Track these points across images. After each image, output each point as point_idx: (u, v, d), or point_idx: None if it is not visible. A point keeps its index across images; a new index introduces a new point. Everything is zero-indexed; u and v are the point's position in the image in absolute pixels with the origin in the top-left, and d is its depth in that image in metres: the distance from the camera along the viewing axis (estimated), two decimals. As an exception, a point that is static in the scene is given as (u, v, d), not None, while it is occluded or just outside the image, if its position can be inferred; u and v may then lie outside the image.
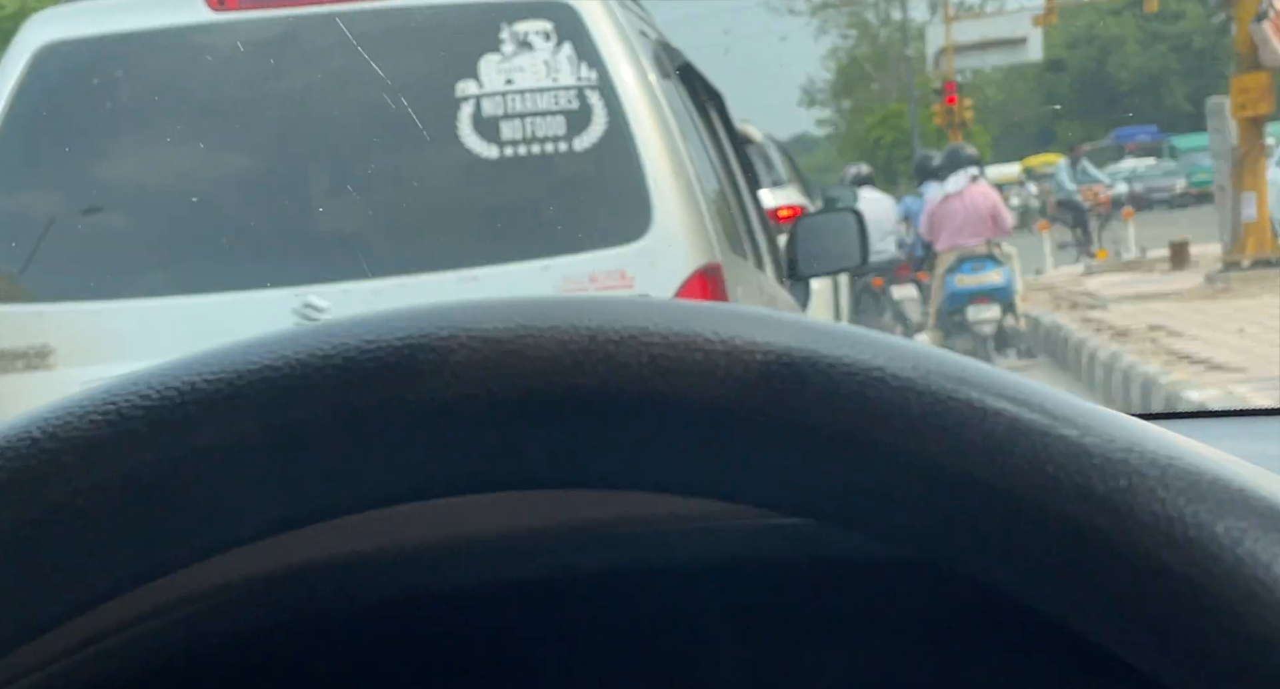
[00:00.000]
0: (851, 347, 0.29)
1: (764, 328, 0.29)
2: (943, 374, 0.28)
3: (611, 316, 0.29)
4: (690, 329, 0.29)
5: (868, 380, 0.28)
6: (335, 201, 2.49)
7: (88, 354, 2.31)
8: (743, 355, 0.28)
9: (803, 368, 0.28)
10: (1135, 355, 6.93)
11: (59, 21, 2.47)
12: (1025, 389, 0.29)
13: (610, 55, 2.39)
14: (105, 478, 0.28)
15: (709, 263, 2.40)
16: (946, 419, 0.28)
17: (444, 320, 0.29)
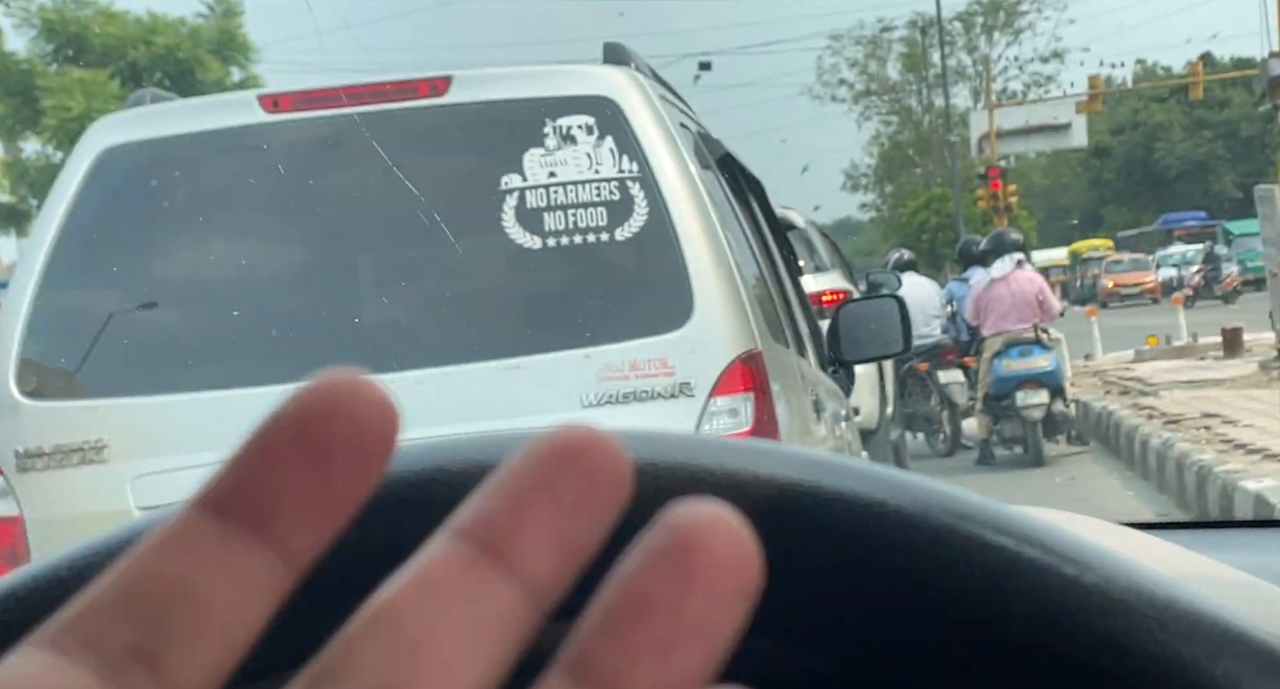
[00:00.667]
0: (853, 480, 0.29)
1: (766, 460, 0.29)
2: (944, 509, 0.29)
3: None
4: (694, 461, 0.29)
5: (869, 514, 0.29)
6: (381, 293, 2.54)
7: (141, 448, 2.35)
8: (746, 488, 0.29)
9: (804, 501, 0.29)
10: (1189, 443, 6.80)
11: (120, 126, 2.57)
12: (1026, 525, 0.29)
13: (651, 147, 2.44)
14: None
15: (750, 350, 2.41)
16: (947, 554, 0.28)
17: (458, 454, 0.30)
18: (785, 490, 0.29)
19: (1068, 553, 0.28)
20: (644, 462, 0.29)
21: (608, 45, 2.71)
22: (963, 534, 0.28)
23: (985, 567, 0.28)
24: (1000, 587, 0.28)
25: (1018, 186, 28.60)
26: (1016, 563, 0.28)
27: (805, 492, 0.29)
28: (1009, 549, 0.28)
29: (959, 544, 0.28)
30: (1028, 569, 0.28)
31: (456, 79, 2.50)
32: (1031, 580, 0.28)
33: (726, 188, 2.94)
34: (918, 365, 9.04)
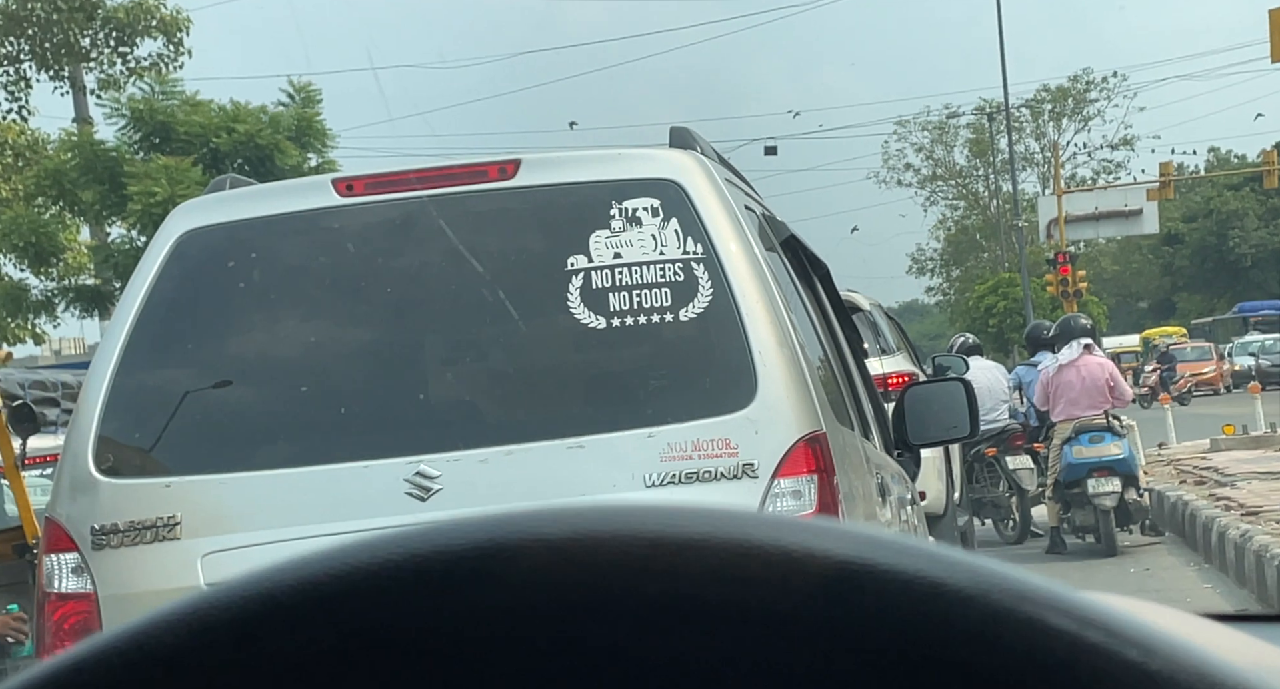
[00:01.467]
0: (910, 558, 0.29)
1: (822, 538, 0.29)
2: (1003, 589, 0.28)
3: (671, 524, 0.29)
4: (748, 537, 0.29)
5: (926, 594, 0.28)
6: (448, 373, 2.57)
7: (212, 525, 2.38)
8: (801, 565, 0.29)
9: (861, 579, 0.28)
10: (1269, 536, 6.58)
11: (200, 210, 2.65)
12: (1088, 607, 0.28)
13: (716, 229, 2.46)
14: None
15: (814, 431, 2.39)
16: (1006, 636, 0.27)
17: (511, 528, 0.30)
18: (841, 569, 0.29)
19: (1132, 637, 0.27)
20: (697, 538, 0.29)
21: (674, 129, 2.75)
22: (1022, 616, 0.28)
23: (1046, 650, 0.27)
24: (1061, 672, 0.27)
25: (1087, 272, 28.30)
26: (1078, 647, 0.27)
27: (861, 569, 0.29)
28: (1070, 632, 0.27)
29: (1018, 626, 0.28)
30: (1090, 653, 0.27)
31: (525, 162, 2.55)
32: (1094, 665, 0.27)
33: (791, 269, 2.95)
34: (986, 450, 8.89)
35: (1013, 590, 0.28)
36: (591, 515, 0.30)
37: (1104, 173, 39.40)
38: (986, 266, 39.35)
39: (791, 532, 0.29)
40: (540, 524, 0.30)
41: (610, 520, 0.30)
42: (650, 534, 0.29)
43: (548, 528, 0.30)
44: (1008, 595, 0.28)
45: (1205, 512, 8.01)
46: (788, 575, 0.28)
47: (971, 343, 9.79)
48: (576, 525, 0.30)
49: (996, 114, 35.93)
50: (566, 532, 0.30)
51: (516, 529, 0.30)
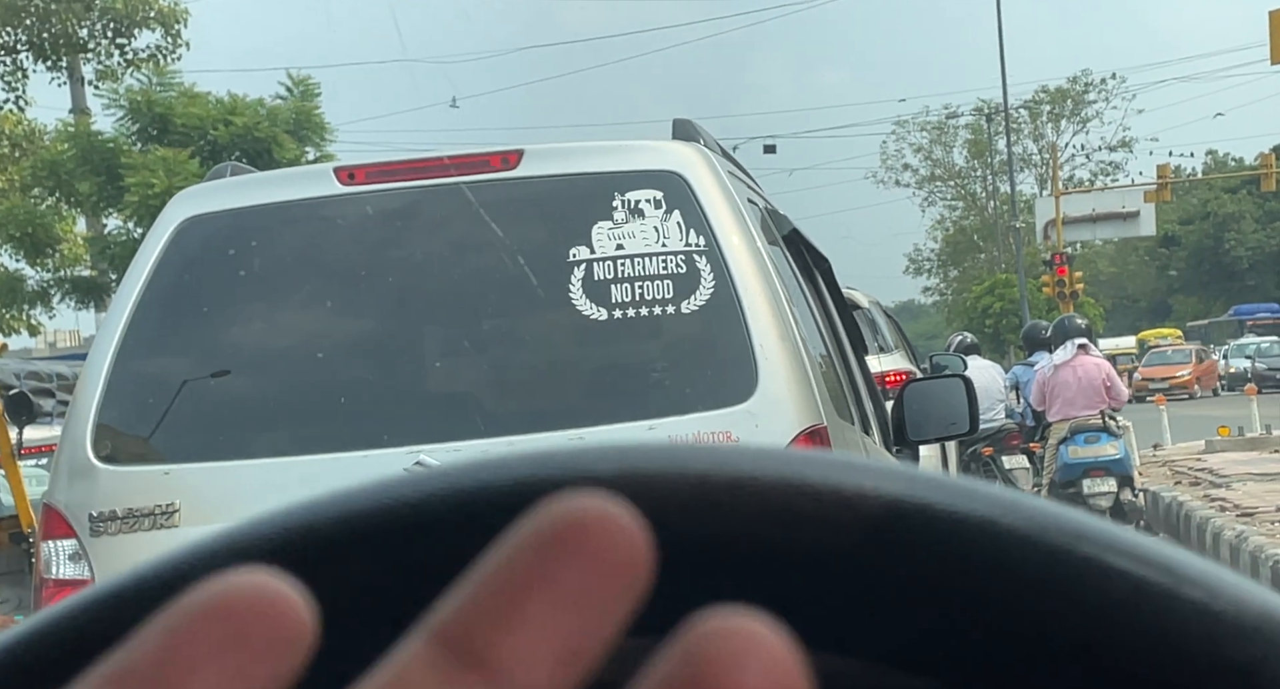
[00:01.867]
0: (964, 498, 0.28)
1: (874, 476, 0.29)
2: (1060, 529, 0.27)
3: (719, 462, 0.29)
4: (799, 475, 0.28)
5: (980, 533, 0.27)
6: (449, 362, 2.56)
7: (210, 513, 2.38)
8: (853, 503, 0.28)
9: (914, 518, 0.28)
10: (1263, 537, 6.59)
11: (200, 197, 2.64)
12: (1148, 547, 0.28)
13: (719, 222, 2.46)
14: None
15: (814, 425, 2.39)
16: (1062, 576, 0.27)
17: (554, 465, 0.30)
18: (894, 507, 0.28)
19: (1195, 577, 0.27)
20: (745, 476, 0.29)
21: (677, 121, 2.75)
22: (1080, 555, 0.27)
23: (1103, 591, 0.27)
24: (1120, 612, 0.27)
25: (1084, 274, 28.32)
26: (1139, 587, 0.27)
27: (914, 508, 0.28)
28: (1130, 572, 0.27)
29: (1075, 566, 0.27)
30: (1152, 593, 0.27)
31: (528, 153, 2.55)
32: (1157, 605, 0.26)
33: (793, 263, 2.94)
34: (982, 449, 8.90)
35: (1070, 530, 0.28)
36: (638, 453, 0.30)
37: (1102, 175, 39.47)
38: (984, 267, 39.39)
39: (842, 470, 0.29)
40: (586, 461, 0.29)
41: (657, 458, 0.29)
42: (698, 471, 0.29)
43: (594, 465, 0.29)
44: (1065, 535, 0.27)
45: (1200, 512, 8.02)
46: (839, 514, 0.28)
47: (969, 342, 9.80)
48: (624, 462, 0.29)
49: (995, 115, 35.95)
50: (613, 469, 0.29)
51: (560, 466, 0.30)
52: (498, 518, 0.29)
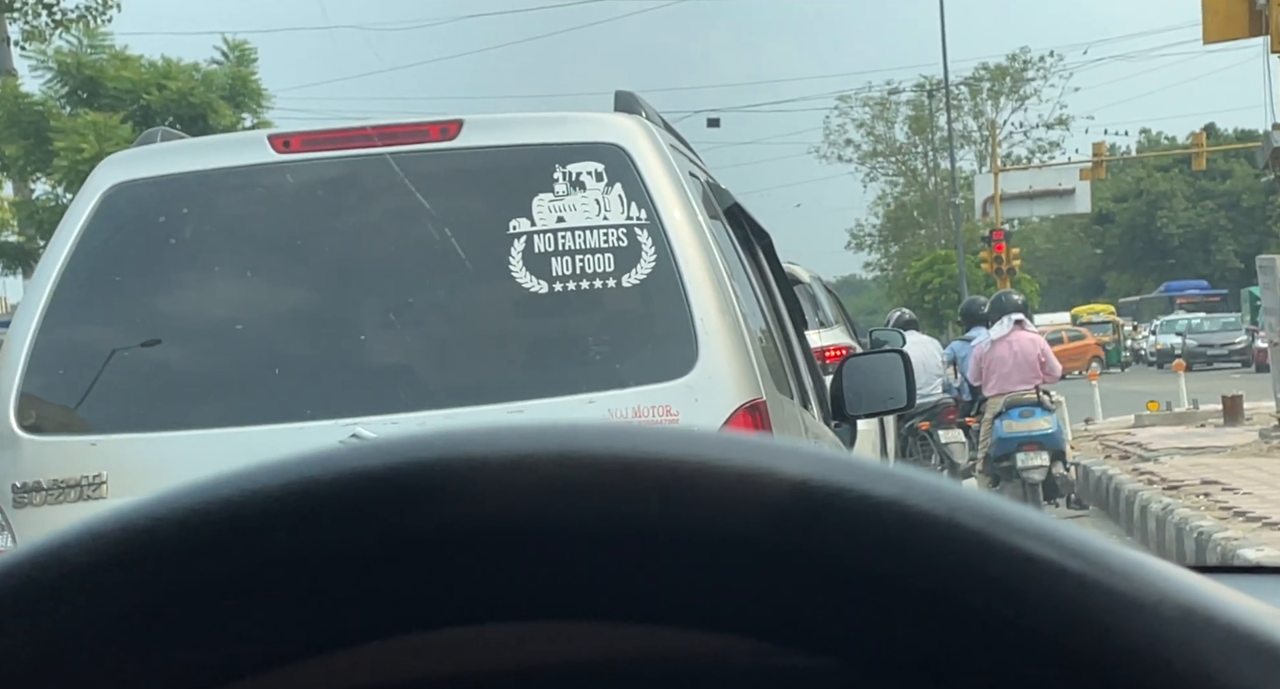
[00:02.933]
0: (869, 478, 0.28)
1: (780, 457, 0.28)
2: (972, 512, 0.28)
3: (618, 443, 0.28)
4: (701, 456, 0.28)
5: (888, 515, 0.28)
6: (386, 334, 2.53)
7: (139, 485, 2.33)
8: (757, 485, 0.28)
9: (819, 498, 0.28)
10: (1188, 510, 6.76)
11: (129, 163, 2.57)
12: (1066, 535, 0.28)
13: (660, 195, 2.45)
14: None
15: (754, 399, 2.40)
16: (974, 559, 0.27)
17: (460, 445, 0.29)
18: (800, 488, 0.28)
19: (1117, 567, 0.27)
20: (646, 456, 0.28)
21: (619, 93, 2.73)
22: (995, 540, 0.27)
23: (1017, 575, 0.27)
24: (1035, 593, 0.27)
25: (1021, 250, 28.72)
26: (1053, 571, 0.27)
27: (820, 488, 0.28)
28: (1044, 556, 0.27)
29: (989, 550, 0.27)
30: (1064, 576, 0.27)
31: (468, 123, 2.51)
32: (1067, 588, 0.27)
33: (734, 238, 2.94)
34: (919, 424, 9.02)
35: (983, 514, 0.28)
36: (534, 434, 0.29)
37: (1039, 152, 39.96)
38: (924, 243, 39.80)
39: (747, 450, 0.28)
40: (476, 444, 0.29)
41: (552, 439, 0.29)
42: (595, 453, 0.28)
43: (485, 448, 0.28)
44: (977, 518, 0.28)
45: (1129, 486, 8.20)
46: (743, 496, 0.27)
47: (908, 318, 9.90)
48: (518, 445, 0.28)
49: (936, 91, 36.24)
50: (512, 450, 0.28)
51: (453, 448, 0.29)
52: (392, 502, 0.28)
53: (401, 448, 0.29)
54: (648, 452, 0.28)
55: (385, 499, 0.28)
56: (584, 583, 0.29)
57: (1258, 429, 10.39)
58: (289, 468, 0.30)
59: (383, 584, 0.29)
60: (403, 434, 0.30)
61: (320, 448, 0.30)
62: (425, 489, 0.28)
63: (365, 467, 0.29)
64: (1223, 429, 11.49)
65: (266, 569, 0.29)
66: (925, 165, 41.02)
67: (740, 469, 0.28)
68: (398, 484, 0.28)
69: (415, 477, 0.28)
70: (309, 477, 0.29)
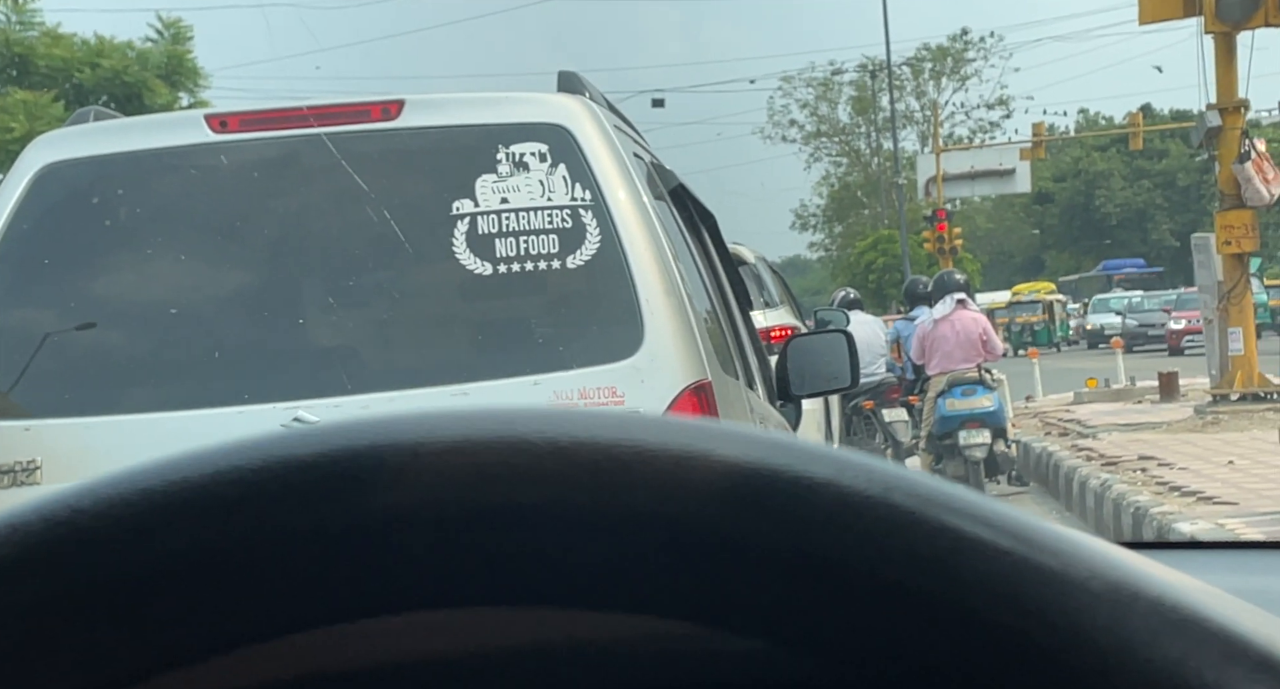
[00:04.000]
0: (805, 460, 0.28)
1: (715, 440, 0.28)
2: (908, 493, 0.28)
3: (549, 427, 0.28)
4: (634, 439, 0.28)
5: (824, 495, 0.28)
6: (328, 317, 2.50)
7: (75, 470, 2.29)
8: (691, 468, 0.28)
9: (754, 481, 0.28)
10: (1125, 485, 6.90)
11: (61, 143, 2.51)
12: (997, 513, 0.28)
13: (604, 175, 2.44)
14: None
15: (699, 380, 2.40)
16: (911, 541, 0.27)
17: (393, 431, 0.28)
18: (733, 471, 0.28)
19: (1049, 545, 0.28)
20: (578, 440, 0.28)
21: (562, 74, 2.71)
22: (932, 521, 0.27)
23: (958, 555, 0.27)
24: (979, 582, 0.27)
25: (963, 229, 29.05)
26: (987, 552, 0.27)
27: (753, 471, 0.28)
28: (983, 538, 0.27)
29: (927, 533, 0.27)
30: (1001, 558, 0.27)
31: (409, 103, 2.48)
32: (1005, 569, 0.27)
33: (679, 218, 2.94)
34: (863, 403, 9.11)
35: (917, 493, 0.28)
36: (468, 420, 0.29)
37: (980, 132, 40.38)
38: (867, 223, 40.10)
39: (682, 434, 0.28)
40: (409, 430, 0.28)
41: (486, 425, 0.28)
42: (528, 437, 0.28)
43: (418, 434, 0.28)
44: (911, 497, 0.28)
45: (1068, 462, 8.35)
46: (678, 479, 0.27)
47: (852, 297, 9.99)
48: (452, 430, 0.28)
49: (879, 72, 36.46)
50: (438, 437, 0.28)
51: (386, 435, 0.28)
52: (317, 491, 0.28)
53: (333, 435, 0.29)
54: (582, 436, 0.28)
55: (315, 488, 0.28)
56: (520, 568, 0.29)
57: (1193, 405, 10.62)
58: (216, 456, 0.29)
59: (315, 573, 0.28)
60: (336, 421, 0.30)
61: (250, 435, 0.29)
62: (357, 477, 0.28)
63: (294, 455, 0.28)
64: (1159, 405, 11.73)
65: (193, 559, 0.28)
66: (868, 146, 41.29)
67: (675, 453, 0.28)
68: (328, 472, 0.28)
69: (346, 464, 0.28)
70: (237, 465, 0.28)
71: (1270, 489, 5.96)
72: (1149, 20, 10.14)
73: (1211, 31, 9.67)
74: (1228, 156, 9.79)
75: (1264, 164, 9.79)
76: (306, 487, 0.28)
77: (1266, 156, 9.94)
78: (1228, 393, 10.06)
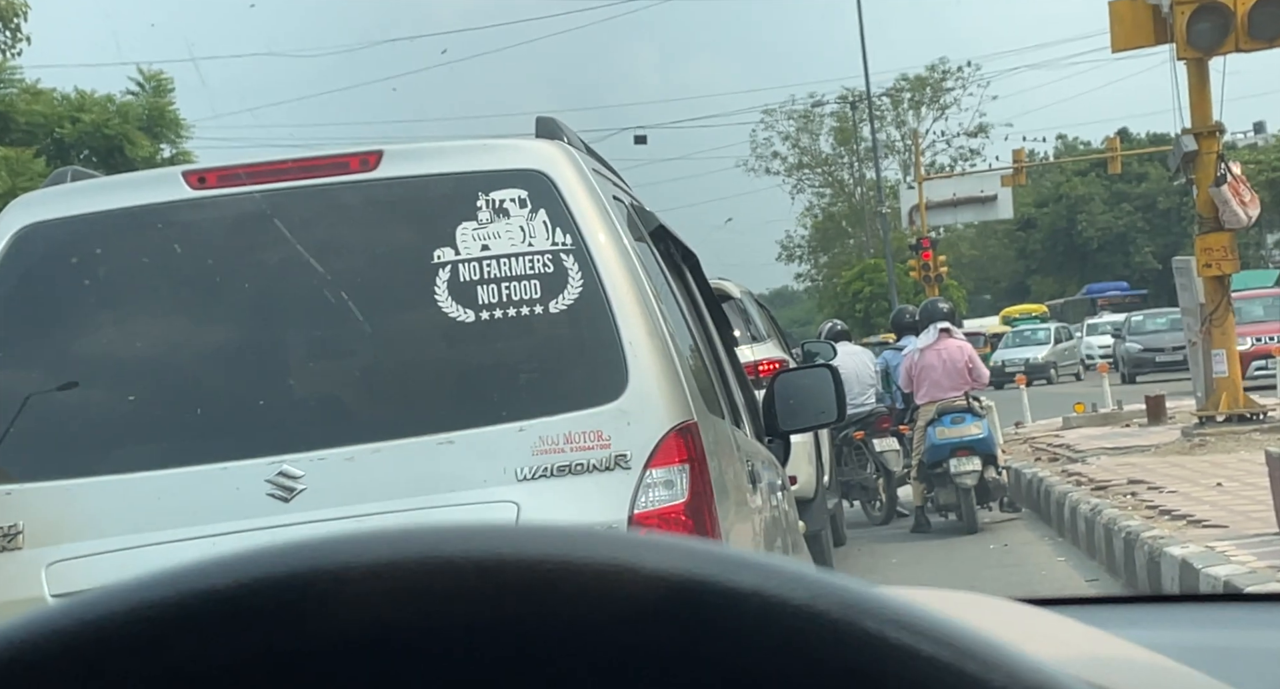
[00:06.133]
0: (730, 569, 0.28)
1: (641, 552, 0.28)
2: (840, 602, 0.28)
3: (479, 545, 0.28)
4: (564, 555, 0.28)
5: (749, 605, 0.28)
6: (311, 369, 2.50)
7: (57, 533, 2.28)
8: (619, 581, 0.28)
9: (680, 592, 0.28)
10: (1116, 510, 6.89)
11: (41, 203, 2.52)
12: (929, 622, 0.28)
13: (584, 220, 2.45)
14: None
15: (685, 421, 2.40)
16: (842, 650, 0.27)
17: (317, 557, 0.29)
18: (663, 584, 0.28)
19: (975, 651, 0.28)
20: (502, 559, 0.28)
21: (540, 119, 2.73)
22: (859, 630, 0.27)
23: (884, 665, 0.27)
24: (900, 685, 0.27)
25: (947, 257, 29.16)
26: (922, 663, 0.27)
27: (684, 585, 0.28)
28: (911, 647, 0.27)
29: (854, 640, 0.27)
30: (932, 668, 0.27)
31: (388, 153, 2.50)
32: (937, 679, 0.27)
33: (660, 259, 2.95)
34: (853, 434, 9.10)
35: (842, 600, 0.28)
36: (393, 541, 0.29)
37: (961, 160, 40.64)
38: (853, 253, 40.24)
39: (609, 547, 0.29)
40: (363, 548, 0.28)
41: (413, 546, 0.29)
42: (453, 558, 0.28)
43: (369, 552, 0.28)
44: (838, 607, 0.28)
45: (1058, 487, 8.35)
46: (603, 593, 0.28)
47: (839, 329, 10.01)
48: (376, 553, 0.28)
49: (859, 103, 36.72)
50: (389, 555, 0.28)
51: (309, 561, 0.29)
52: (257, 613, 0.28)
53: (253, 564, 0.29)
54: (507, 554, 0.28)
55: (239, 618, 0.28)
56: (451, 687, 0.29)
57: (1180, 428, 10.64)
58: (132, 592, 0.29)
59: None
60: (261, 547, 0.30)
61: (168, 567, 0.29)
62: (280, 606, 0.28)
63: (211, 587, 0.28)
64: (1147, 429, 11.75)
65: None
66: (851, 176, 41.51)
67: (600, 567, 0.28)
68: (249, 604, 0.28)
69: (269, 594, 0.28)
70: (152, 602, 0.28)
71: (1259, 511, 5.97)
72: (1121, 48, 10.24)
73: (1184, 58, 9.78)
74: (1205, 180, 9.87)
75: (1240, 187, 9.87)
76: (230, 619, 0.28)
77: (1242, 179, 10.02)
78: (1214, 415, 10.09)
